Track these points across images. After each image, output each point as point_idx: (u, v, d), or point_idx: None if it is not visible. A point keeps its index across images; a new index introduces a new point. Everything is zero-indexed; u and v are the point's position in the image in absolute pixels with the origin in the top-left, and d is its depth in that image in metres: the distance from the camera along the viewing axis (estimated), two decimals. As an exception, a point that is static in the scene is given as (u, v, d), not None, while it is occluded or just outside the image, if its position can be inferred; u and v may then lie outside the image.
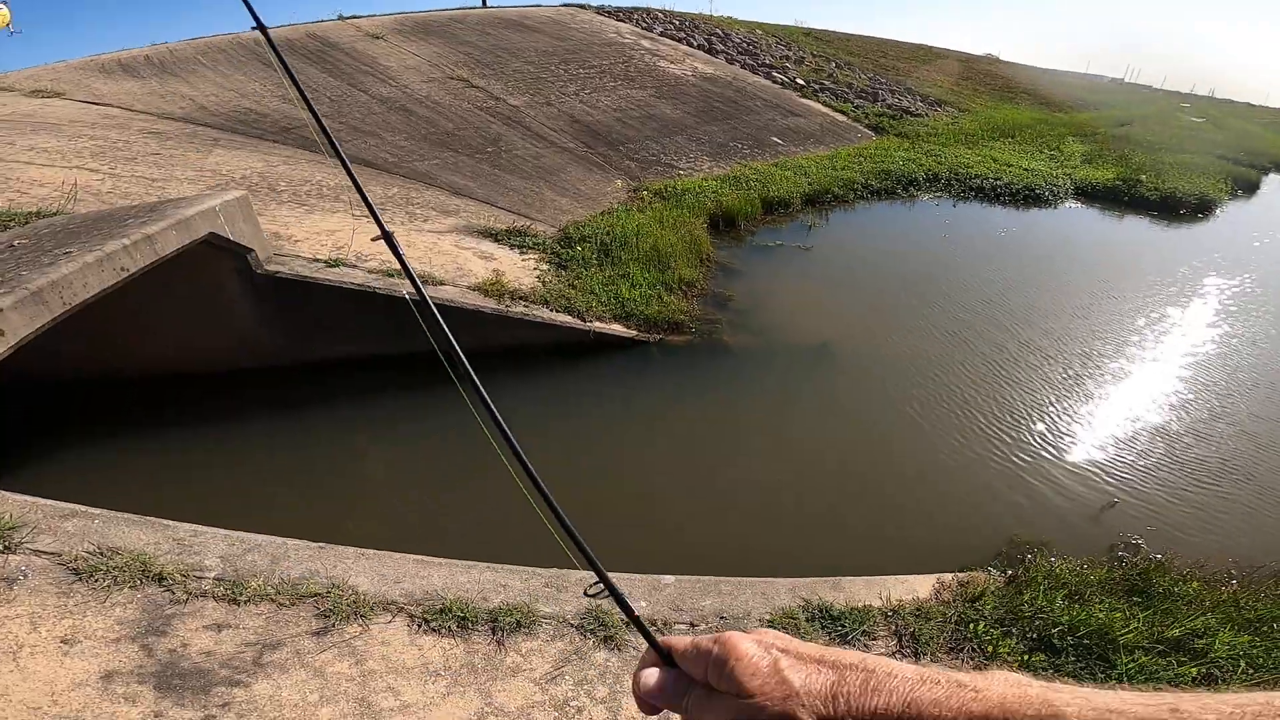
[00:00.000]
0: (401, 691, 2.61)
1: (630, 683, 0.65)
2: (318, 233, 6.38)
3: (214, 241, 4.81)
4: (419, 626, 2.86)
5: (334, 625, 2.78)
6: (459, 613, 2.92)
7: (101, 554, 2.91)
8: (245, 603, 2.80)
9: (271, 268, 5.37)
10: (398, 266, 4.97)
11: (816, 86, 19.43)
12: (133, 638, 2.59)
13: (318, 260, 5.80)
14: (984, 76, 31.30)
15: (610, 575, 0.75)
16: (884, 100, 19.93)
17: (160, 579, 2.84)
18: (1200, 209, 14.50)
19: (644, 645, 0.61)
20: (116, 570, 2.83)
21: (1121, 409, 6.31)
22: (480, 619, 2.94)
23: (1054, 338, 7.64)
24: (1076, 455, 5.57)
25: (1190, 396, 6.61)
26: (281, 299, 5.41)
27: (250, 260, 5.19)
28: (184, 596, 2.78)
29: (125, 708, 2.37)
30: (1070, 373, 6.87)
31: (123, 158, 6.78)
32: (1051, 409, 6.18)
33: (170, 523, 3.21)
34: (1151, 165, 16.18)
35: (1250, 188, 17.94)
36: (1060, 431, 5.87)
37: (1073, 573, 3.61)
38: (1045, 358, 7.14)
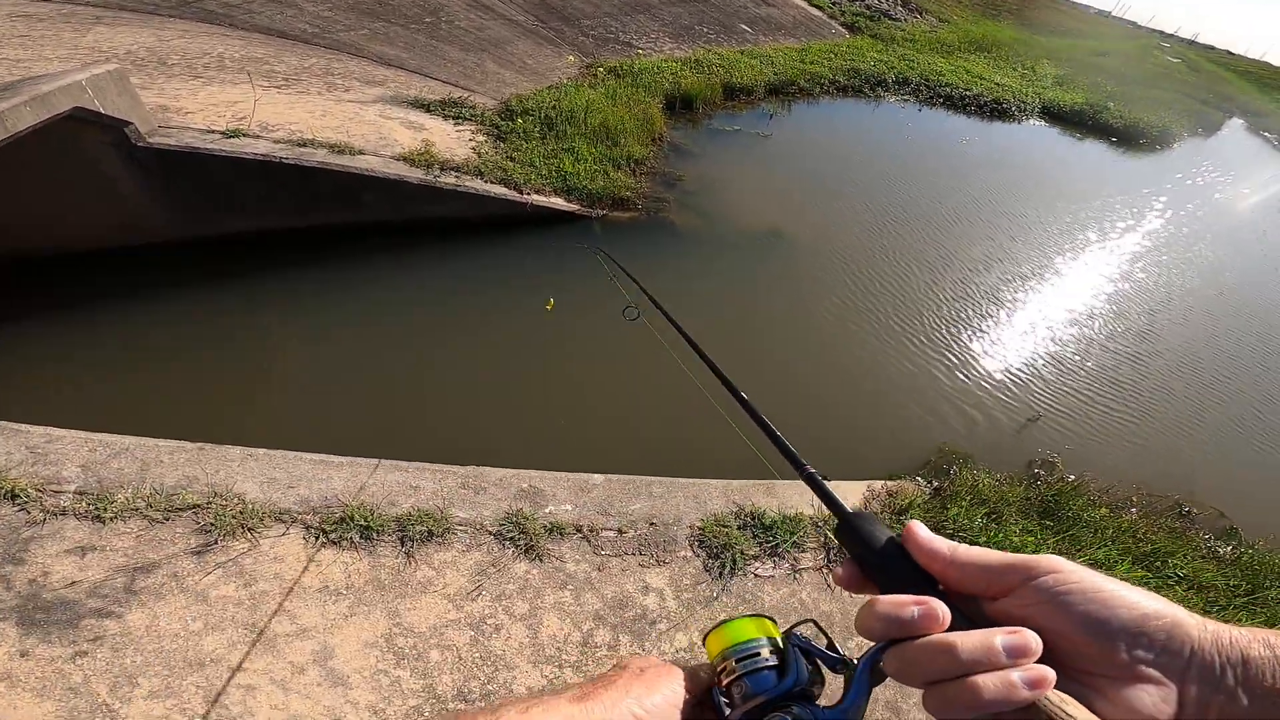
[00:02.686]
0: (298, 615, 2.36)
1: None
2: (215, 104, 5.59)
3: (81, 116, 4.17)
4: (317, 539, 2.62)
5: (217, 541, 2.49)
6: (362, 521, 2.67)
7: (-55, 470, 2.54)
8: (112, 520, 2.49)
9: (155, 140, 4.73)
10: (310, 135, 4.22)
11: (795, -23, 17.97)
12: (-14, 569, 2.29)
13: (213, 132, 5.11)
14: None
15: (532, 473, 0.46)
16: (864, 0, 18.72)
17: (13, 496, 2.49)
18: (1160, 141, 14.53)
19: None
20: (-38, 489, 2.47)
21: (1049, 330, 6.39)
22: (387, 528, 2.70)
23: (993, 250, 7.69)
24: (1004, 368, 5.62)
25: (1119, 327, 6.76)
26: (170, 173, 4.83)
27: (129, 133, 4.58)
28: (41, 516, 2.46)
29: (-14, 649, 2.07)
30: (1001, 288, 6.95)
31: (-17, 44, 5.73)
32: (982, 322, 6.24)
33: (22, 427, 2.77)
34: (1121, 95, 15.98)
35: (1212, 128, 18.16)
36: (989, 343, 5.92)
37: (993, 489, 3.64)
38: (978, 269, 7.20)
